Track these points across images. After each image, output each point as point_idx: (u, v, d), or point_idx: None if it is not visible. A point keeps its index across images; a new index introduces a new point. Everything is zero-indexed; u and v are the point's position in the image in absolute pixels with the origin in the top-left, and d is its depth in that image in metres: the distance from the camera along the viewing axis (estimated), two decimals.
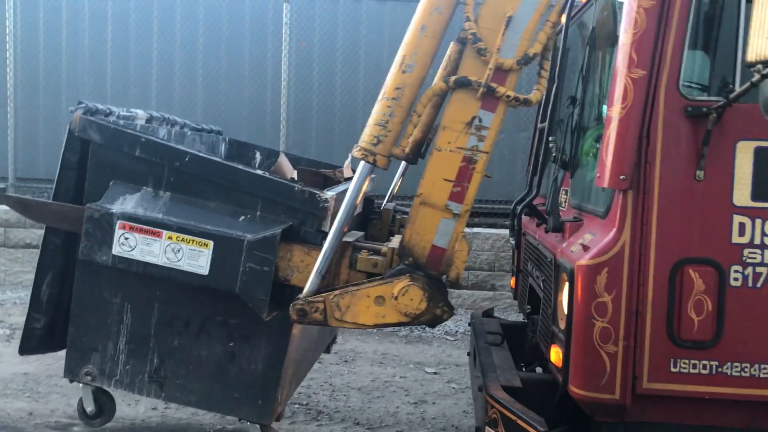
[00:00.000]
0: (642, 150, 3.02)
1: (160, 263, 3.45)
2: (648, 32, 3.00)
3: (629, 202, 3.04)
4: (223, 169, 3.53)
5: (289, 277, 3.42)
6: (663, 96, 3.01)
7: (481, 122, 3.08)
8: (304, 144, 11.36)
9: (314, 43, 11.39)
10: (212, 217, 3.49)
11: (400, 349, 8.07)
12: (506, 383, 3.50)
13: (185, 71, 11.50)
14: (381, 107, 3.12)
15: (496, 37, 3.00)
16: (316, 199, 3.41)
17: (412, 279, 3.17)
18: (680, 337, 3.02)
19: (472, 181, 3.12)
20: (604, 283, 3.02)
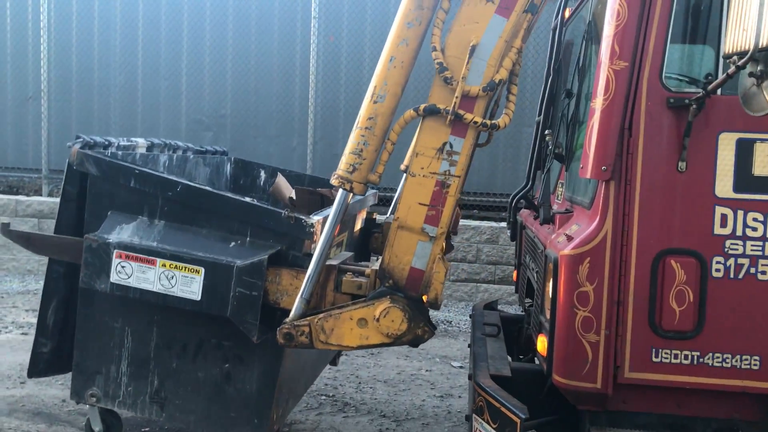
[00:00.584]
0: (624, 141, 3.04)
1: (155, 290, 3.60)
2: (630, 24, 3.01)
3: (611, 192, 3.06)
4: (213, 198, 3.67)
5: (278, 300, 3.54)
6: (645, 87, 3.02)
7: (452, 148, 3.18)
8: (331, 137, 11.46)
9: (342, 37, 11.45)
10: (204, 243, 3.63)
11: (426, 343, 8.09)
12: (495, 372, 3.54)
13: (215, 65, 11.65)
14: (356, 136, 3.24)
15: (462, 66, 3.06)
16: (303, 224, 3.52)
17: (393, 301, 3.28)
18: (662, 327, 3.04)
19: (446, 204, 3.21)
20: (586, 273, 3.05)
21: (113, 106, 11.77)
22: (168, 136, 11.71)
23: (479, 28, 3.10)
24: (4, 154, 11.91)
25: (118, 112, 11.79)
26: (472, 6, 3.12)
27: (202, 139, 11.74)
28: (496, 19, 3.10)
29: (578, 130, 3.81)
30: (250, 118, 11.68)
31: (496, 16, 3.11)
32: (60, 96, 11.71)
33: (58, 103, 11.69)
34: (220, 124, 11.76)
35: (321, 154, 11.38)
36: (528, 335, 4.10)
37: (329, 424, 5.44)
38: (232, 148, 11.71)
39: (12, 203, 10.40)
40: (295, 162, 11.48)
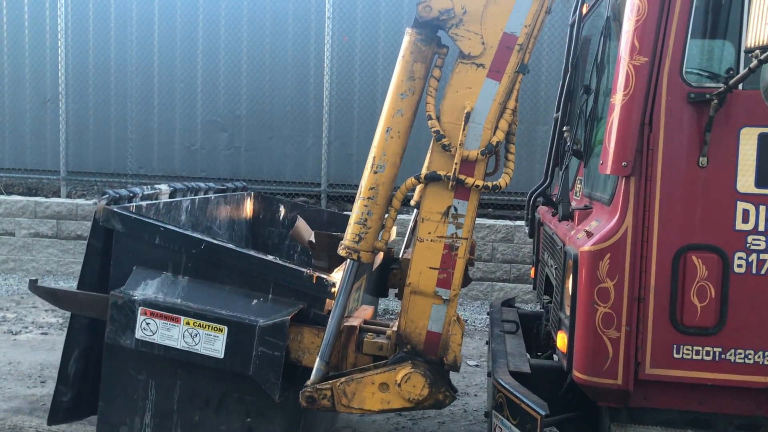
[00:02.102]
0: (644, 137, 3.03)
1: (179, 347, 3.64)
2: (650, 19, 3.00)
3: (632, 188, 3.05)
4: (235, 256, 3.69)
5: (300, 358, 3.57)
6: (666, 82, 3.01)
7: (457, 211, 3.22)
8: (346, 137, 11.48)
9: (356, 37, 11.47)
10: (227, 300, 3.67)
11: None
12: (515, 369, 3.54)
13: (230, 66, 11.69)
14: (359, 207, 3.28)
15: (459, 132, 3.09)
16: (324, 284, 3.55)
17: (414, 366, 3.31)
18: (683, 324, 3.03)
19: (456, 266, 3.24)
20: (606, 269, 3.04)
21: (130, 107, 11.83)
22: (184, 137, 11.83)
23: (472, 93, 3.14)
24: (23, 156, 12.00)
25: (134, 113, 11.84)
26: (463, 72, 3.15)
27: (217, 139, 11.80)
28: (489, 83, 3.14)
29: (597, 126, 3.80)
30: (265, 118, 11.72)
31: (488, 80, 3.14)
32: (77, 98, 11.79)
33: (75, 106, 11.77)
34: (236, 124, 11.80)
35: (336, 154, 11.41)
36: (547, 332, 4.08)
37: (345, 422, 5.45)
38: (247, 149, 11.81)
39: (31, 205, 10.48)
40: (310, 162, 11.52)
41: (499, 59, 3.12)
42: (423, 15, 3.15)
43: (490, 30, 3.11)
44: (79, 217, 10.38)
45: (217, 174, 11.80)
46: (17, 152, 12.02)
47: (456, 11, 3.12)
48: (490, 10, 3.10)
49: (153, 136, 11.90)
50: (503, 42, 3.11)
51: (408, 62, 3.21)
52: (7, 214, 10.43)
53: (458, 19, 3.12)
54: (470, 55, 3.13)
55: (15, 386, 6.05)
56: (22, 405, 5.67)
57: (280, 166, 11.73)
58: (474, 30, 3.12)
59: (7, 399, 5.77)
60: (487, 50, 3.12)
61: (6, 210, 10.42)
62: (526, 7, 3.09)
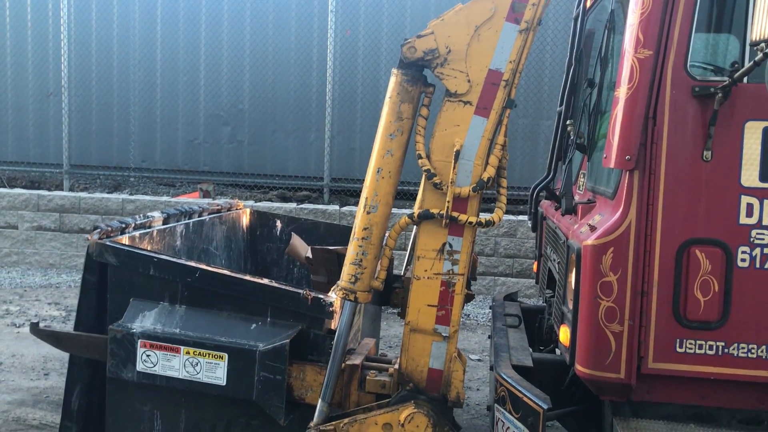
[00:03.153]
0: (648, 130, 3.02)
1: (181, 377, 3.63)
2: (655, 12, 2.99)
3: (635, 182, 3.04)
4: (231, 282, 3.68)
5: (303, 396, 3.55)
6: (670, 76, 3.00)
7: (452, 247, 3.22)
8: (348, 132, 11.49)
9: (359, 31, 11.47)
10: (226, 326, 3.65)
11: None
12: (517, 363, 3.54)
13: (232, 60, 11.71)
14: (354, 247, 3.28)
15: (450, 169, 3.10)
16: (321, 304, 3.53)
17: (417, 406, 3.30)
18: (686, 318, 3.02)
19: (455, 303, 3.25)
20: (609, 263, 3.03)
21: (132, 101, 11.84)
22: (186, 130, 11.83)
23: (461, 131, 3.14)
24: (26, 149, 12.03)
25: (137, 107, 11.86)
26: (451, 110, 3.16)
27: (220, 133, 11.81)
28: (477, 119, 3.14)
29: (600, 119, 3.79)
30: (267, 112, 11.72)
31: (475, 117, 3.14)
32: (80, 92, 11.80)
33: (78, 99, 11.78)
34: (238, 118, 11.81)
35: (338, 148, 11.42)
36: (549, 326, 4.09)
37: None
38: (249, 143, 11.82)
39: (34, 198, 10.48)
40: (312, 156, 11.53)
41: (486, 96, 3.13)
42: (408, 56, 3.16)
43: (475, 68, 3.12)
44: (81, 210, 10.39)
45: (220, 168, 11.82)
46: (20, 145, 12.05)
47: (440, 51, 3.12)
48: (474, 48, 3.11)
49: (156, 130, 11.90)
50: (489, 79, 3.12)
51: (395, 103, 3.22)
52: (10, 207, 10.43)
53: (443, 58, 3.13)
54: (457, 93, 3.14)
55: (18, 379, 6.07)
56: (26, 397, 5.69)
57: (283, 160, 11.74)
58: (459, 68, 3.13)
59: (11, 391, 5.79)
60: (473, 87, 3.13)
61: (9, 203, 10.43)
62: (510, 43, 3.09)
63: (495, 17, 3.06)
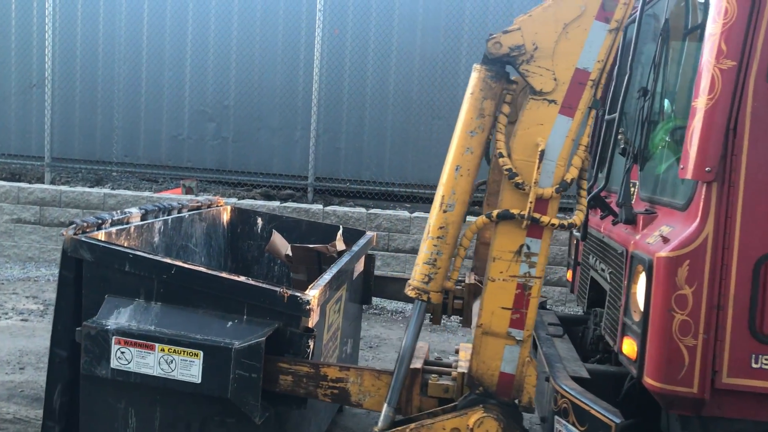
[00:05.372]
0: (729, 142, 2.98)
1: (156, 374, 3.56)
2: (739, 22, 2.96)
3: (713, 194, 3.00)
4: (207, 279, 3.62)
5: (361, 401, 3.47)
6: (752, 87, 2.97)
7: (530, 249, 3.13)
8: (334, 131, 11.38)
9: (347, 30, 11.37)
10: (202, 324, 3.59)
11: (424, 336, 8.06)
12: (574, 374, 3.48)
13: (219, 56, 11.53)
14: (428, 246, 3.19)
15: (532, 169, 3.04)
16: (298, 302, 3.47)
17: (486, 410, 3.21)
18: (762, 333, 2.99)
19: (530, 306, 3.15)
20: (685, 276, 2.99)
21: (117, 95, 11.61)
22: (171, 125, 11.62)
23: (544, 130, 3.06)
24: (7, 141, 11.74)
25: (121, 101, 11.62)
26: (534, 109, 3.07)
27: (204, 129, 11.62)
28: (561, 119, 3.05)
29: (655, 129, 3.76)
30: (253, 109, 11.57)
31: (560, 117, 3.05)
32: (64, 84, 11.53)
33: (62, 91, 11.51)
34: (224, 115, 11.63)
35: (324, 148, 11.30)
36: (597, 336, 4.04)
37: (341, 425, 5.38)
38: (234, 140, 11.64)
39: (14, 190, 10.20)
40: (297, 155, 11.40)
41: (572, 95, 3.05)
42: (493, 51, 3.07)
43: (562, 66, 3.04)
44: (62, 204, 10.13)
45: (204, 164, 11.63)
46: (1, 137, 11.75)
47: (527, 47, 3.04)
48: (562, 45, 3.03)
49: (140, 124, 11.67)
50: (576, 78, 3.04)
51: (477, 99, 3.13)
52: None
53: (529, 55, 3.05)
54: (542, 91, 3.05)
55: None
56: (0, 391, 5.55)
57: (268, 158, 11.59)
58: (545, 66, 3.04)
59: None
60: (559, 86, 3.04)
61: None
62: (599, 42, 3.02)
63: (584, 15, 2.99)
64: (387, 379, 3.40)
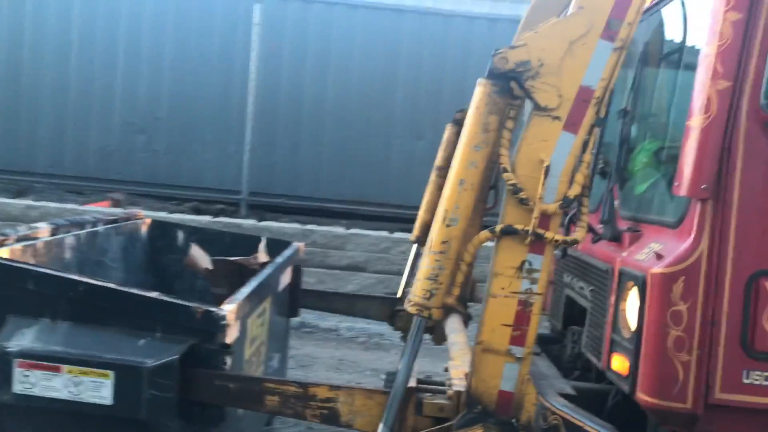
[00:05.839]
0: (723, 161, 3.04)
1: (63, 397, 3.35)
2: (734, 44, 3.03)
3: (708, 211, 3.05)
4: (117, 296, 3.49)
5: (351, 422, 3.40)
6: (745, 108, 3.04)
7: (532, 266, 3.12)
8: (269, 145, 11.27)
9: (284, 45, 11.32)
10: (112, 343, 3.43)
11: (357, 355, 8.06)
12: (560, 391, 3.48)
13: (152, 66, 11.34)
14: (430, 261, 3.13)
15: (536, 185, 3.05)
16: (213, 317, 3.36)
17: (486, 429, 3.18)
18: (754, 348, 3.04)
19: (531, 323, 3.14)
20: (680, 292, 3.03)
21: (43, 104, 11.24)
22: (99, 138, 11.29)
23: (548, 146, 3.07)
24: None
25: (47, 111, 11.26)
26: (539, 125, 3.08)
27: (134, 141, 11.35)
28: (565, 135, 3.07)
29: (635, 149, 3.82)
30: (186, 122, 11.36)
31: (564, 133, 3.07)
32: None
33: None
34: (155, 126, 11.39)
35: (258, 162, 11.17)
36: (575, 354, 4.07)
37: None
38: (166, 152, 11.39)
39: None
40: (231, 169, 11.24)
41: (576, 112, 3.06)
42: (498, 66, 3.06)
43: (567, 83, 3.06)
44: None
45: (134, 177, 11.33)
46: None
47: (533, 63, 3.05)
48: (567, 63, 3.05)
49: (66, 135, 11.31)
50: (580, 95, 3.06)
51: (483, 114, 3.11)
52: None
53: (535, 71, 3.05)
54: (547, 107, 3.06)
55: None
56: None
57: (200, 171, 11.39)
58: (551, 82, 3.05)
59: None
60: (563, 103, 3.06)
61: None
62: (604, 60, 3.04)
63: (590, 33, 3.01)
64: (379, 398, 3.32)
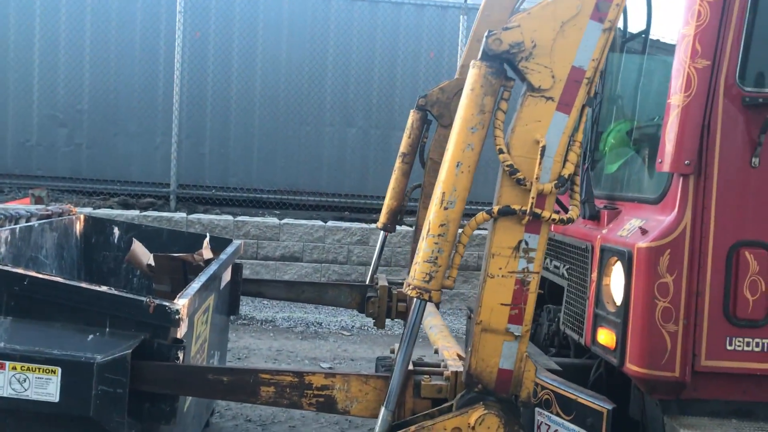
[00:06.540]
0: (704, 137, 3.16)
1: (6, 395, 3.25)
2: (711, 24, 3.14)
3: (690, 186, 3.16)
4: (65, 290, 3.39)
5: (348, 408, 3.39)
6: (723, 86, 3.16)
7: (528, 245, 3.17)
8: (198, 136, 11.05)
9: (210, 33, 11.08)
10: (59, 338, 3.34)
11: (295, 345, 8.03)
12: (546, 367, 3.55)
13: (71, 57, 10.88)
14: (429, 244, 3.14)
15: (532, 165, 3.10)
16: (166, 312, 3.32)
17: (487, 407, 3.21)
18: (736, 316, 3.18)
19: (528, 301, 3.19)
20: (666, 265, 3.13)
21: None
22: (17, 132, 10.84)
23: (542, 127, 3.11)
24: None
25: None
26: (533, 105, 3.12)
27: (55, 135, 10.94)
28: (558, 116, 3.11)
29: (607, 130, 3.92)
30: (109, 114, 10.99)
31: (557, 113, 3.11)
32: None
33: None
34: (77, 119, 10.97)
35: (187, 153, 10.94)
36: (552, 331, 4.15)
37: None
38: (89, 146, 11.01)
39: None
40: (158, 161, 10.97)
41: (568, 92, 3.11)
42: (493, 48, 3.08)
43: (559, 64, 3.10)
44: None
45: (56, 173, 10.92)
46: None
47: (526, 44, 3.08)
48: (559, 44, 3.09)
49: None
50: (572, 76, 3.10)
51: (478, 95, 3.12)
52: None
53: (528, 52, 3.09)
54: (540, 88, 3.10)
55: None
56: None
57: (126, 165, 11.05)
58: (544, 63, 3.09)
59: None
60: (556, 83, 3.10)
61: None
62: (594, 41, 3.09)
63: (580, 15, 3.06)
64: (375, 383, 3.33)
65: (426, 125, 5.02)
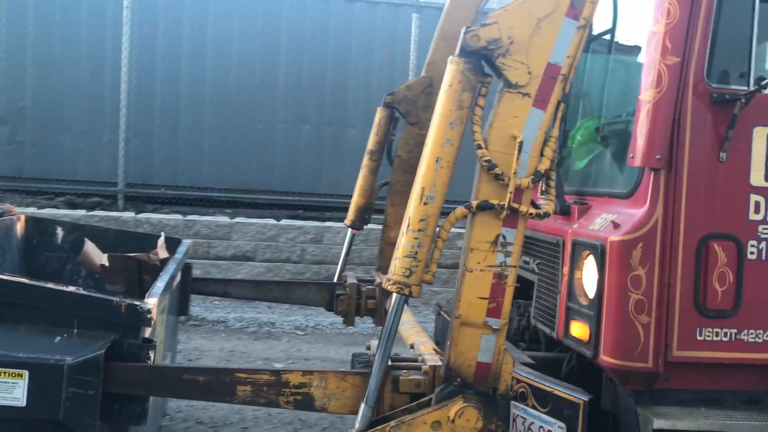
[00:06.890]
0: (674, 132, 3.23)
1: None
2: (681, 22, 3.21)
3: (661, 180, 3.23)
4: (28, 291, 3.31)
5: (326, 405, 3.38)
6: (692, 82, 3.23)
7: (506, 239, 3.20)
8: (146, 133, 10.84)
9: (158, 29, 10.89)
10: (24, 341, 3.25)
11: (248, 345, 7.95)
12: (520, 361, 3.59)
13: (12, 52, 10.56)
14: (409, 239, 3.16)
15: (510, 160, 3.12)
16: (138, 311, 3.27)
17: (466, 400, 3.21)
18: (705, 307, 3.26)
19: (506, 295, 3.22)
20: (639, 257, 3.20)
21: None
22: None
23: (519, 122, 3.14)
24: None
25: None
26: (510, 101, 3.15)
27: None
28: (534, 111, 3.15)
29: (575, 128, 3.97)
30: (54, 111, 10.70)
31: (533, 109, 3.15)
32: None
33: None
34: (19, 117, 10.66)
35: (135, 152, 10.71)
36: (522, 326, 4.19)
37: None
38: (32, 144, 10.74)
39: None
40: (106, 160, 10.73)
41: (544, 89, 3.15)
42: (471, 44, 3.10)
43: (536, 60, 3.14)
44: None
45: None
46: None
47: (503, 41, 3.11)
48: (535, 40, 3.13)
49: None
50: (548, 72, 3.14)
51: (456, 91, 3.14)
52: None
53: (505, 48, 3.11)
54: (517, 84, 3.13)
55: None
56: None
57: (72, 163, 10.77)
58: (521, 60, 3.12)
59: None
60: (533, 80, 3.13)
61: None
62: (569, 38, 3.14)
63: (556, 12, 3.09)
64: (353, 380, 3.31)
65: (393, 123, 5.02)
